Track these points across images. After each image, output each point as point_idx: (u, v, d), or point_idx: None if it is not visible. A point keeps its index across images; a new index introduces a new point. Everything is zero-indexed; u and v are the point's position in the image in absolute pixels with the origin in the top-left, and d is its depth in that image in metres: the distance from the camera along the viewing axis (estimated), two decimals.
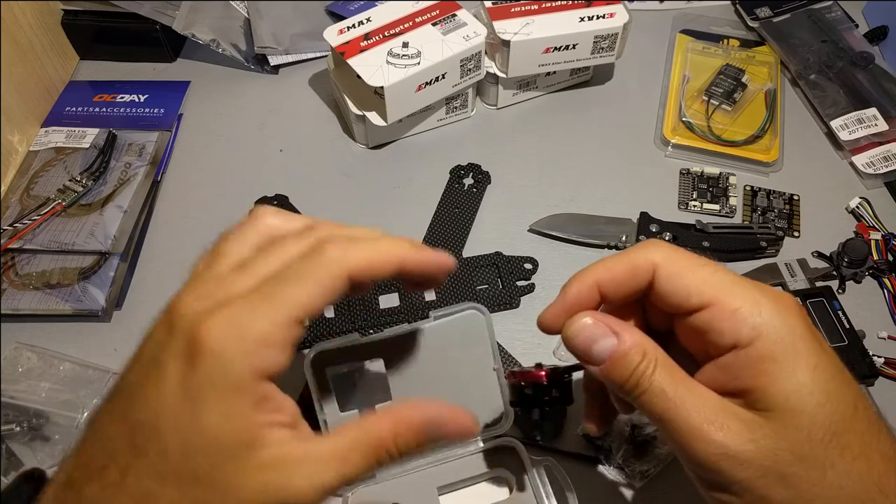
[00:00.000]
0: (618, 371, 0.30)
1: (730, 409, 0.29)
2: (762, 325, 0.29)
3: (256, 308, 0.28)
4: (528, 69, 0.60)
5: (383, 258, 0.30)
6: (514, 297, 0.52)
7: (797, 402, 0.28)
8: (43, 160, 0.59)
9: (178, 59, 0.69)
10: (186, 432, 0.27)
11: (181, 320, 0.28)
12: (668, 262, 0.31)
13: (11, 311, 0.51)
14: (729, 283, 0.30)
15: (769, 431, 0.28)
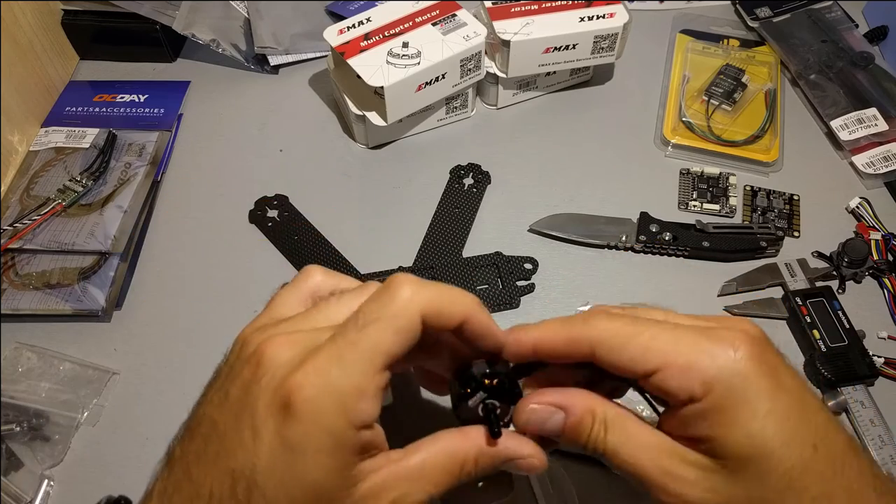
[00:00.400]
0: (574, 440, 0.31)
1: (687, 457, 0.29)
2: (712, 378, 0.28)
3: (345, 359, 0.28)
4: (528, 69, 0.60)
5: (454, 303, 0.30)
6: (514, 297, 0.52)
7: (750, 451, 0.28)
8: (43, 160, 0.59)
9: (178, 59, 0.69)
10: (288, 486, 0.27)
11: (270, 367, 0.28)
12: (607, 336, 0.30)
13: (11, 311, 0.51)
14: (673, 343, 0.29)
15: (725, 480, 0.28)
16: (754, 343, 0.29)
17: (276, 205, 0.58)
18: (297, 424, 0.27)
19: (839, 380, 0.46)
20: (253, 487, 0.27)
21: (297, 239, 0.55)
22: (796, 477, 0.28)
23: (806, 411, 0.29)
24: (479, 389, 0.31)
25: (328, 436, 0.27)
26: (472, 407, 0.31)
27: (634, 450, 0.30)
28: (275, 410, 0.27)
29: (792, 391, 0.29)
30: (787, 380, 0.29)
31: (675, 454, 0.30)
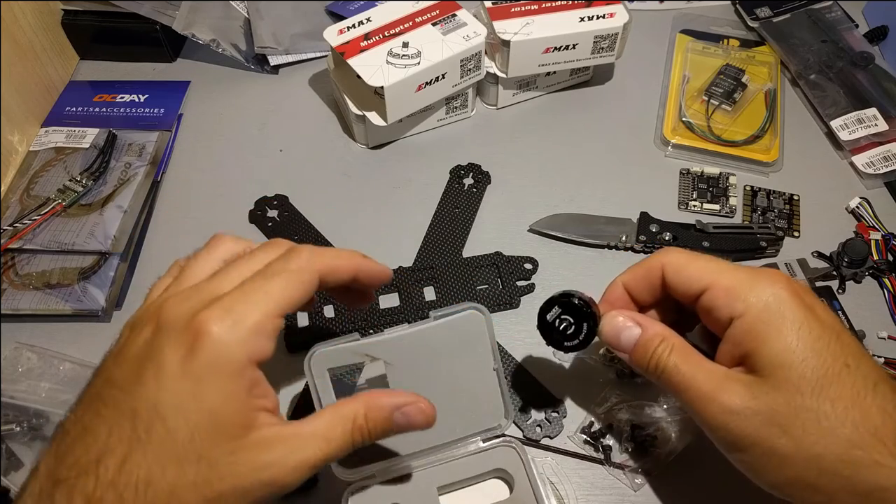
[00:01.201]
0: (641, 355, 0.37)
1: (734, 376, 0.34)
2: (751, 297, 0.34)
3: (249, 299, 0.32)
4: (528, 69, 0.60)
5: (344, 262, 0.36)
6: (515, 297, 0.52)
7: (785, 359, 0.33)
8: (43, 160, 0.59)
9: (178, 59, 0.69)
10: (190, 413, 0.30)
11: (174, 317, 0.31)
12: (673, 259, 0.37)
13: (11, 311, 0.51)
14: (723, 268, 0.35)
15: (766, 389, 0.33)
16: (794, 284, 0.34)
17: (276, 205, 0.58)
18: (202, 354, 0.30)
19: None
20: (154, 420, 0.29)
21: (297, 239, 0.55)
22: (828, 385, 0.32)
23: (840, 337, 0.33)
24: (554, 305, 0.39)
25: (227, 363, 0.30)
26: (550, 321, 0.39)
27: (692, 368, 0.35)
28: (180, 348, 0.30)
29: (826, 322, 0.33)
30: (822, 314, 0.34)
31: (726, 374, 0.34)
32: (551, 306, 0.39)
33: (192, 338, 0.30)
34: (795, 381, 0.32)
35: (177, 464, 0.29)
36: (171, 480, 0.29)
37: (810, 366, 0.32)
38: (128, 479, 0.29)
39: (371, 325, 0.51)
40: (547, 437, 0.45)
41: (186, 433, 0.29)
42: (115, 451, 0.29)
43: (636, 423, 0.45)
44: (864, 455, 0.31)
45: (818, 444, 0.32)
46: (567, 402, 0.47)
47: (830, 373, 0.32)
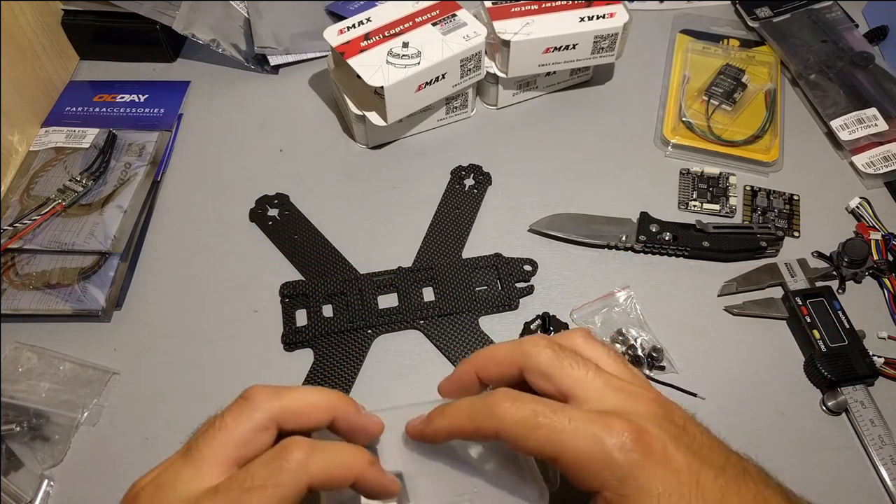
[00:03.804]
0: None
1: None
2: (602, 471, 0.30)
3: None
4: (528, 69, 0.60)
5: (343, 468, 0.31)
6: (514, 299, 0.52)
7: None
8: (43, 160, 0.59)
9: (178, 59, 0.69)
10: None
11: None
12: (510, 425, 0.31)
13: (11, 311, 0.51)
14: (568, 434, 0.30)
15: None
16: (642, 432, 0.30)
17: (277, 203, 0.58)
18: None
19: (839, 380, 0.46)
20: None
21: (297, 238, 0.55)
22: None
23: (699, 486, 0.30)
24: (537, 319, 0.45)
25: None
26: (533, 329, 0.45)
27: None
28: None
29: (681, 471, 0.30)
30: (677, 461, 0.30)
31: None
32: (533, 320, 0.45)
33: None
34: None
35: None
36: None
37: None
38: None
39: (370, 325, 0.51)
40: None
41: None
42: None
43: None
44: None
45: None
46: None
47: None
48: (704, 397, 0.47)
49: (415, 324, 0.51)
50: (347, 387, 0.48)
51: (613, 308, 0.51)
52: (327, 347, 0.49)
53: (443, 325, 0.50)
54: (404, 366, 0.49)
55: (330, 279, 0.53)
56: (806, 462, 0.45)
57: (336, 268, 0.54)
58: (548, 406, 0.31)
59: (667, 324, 0.50)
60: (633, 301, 0.51)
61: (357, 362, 0.49)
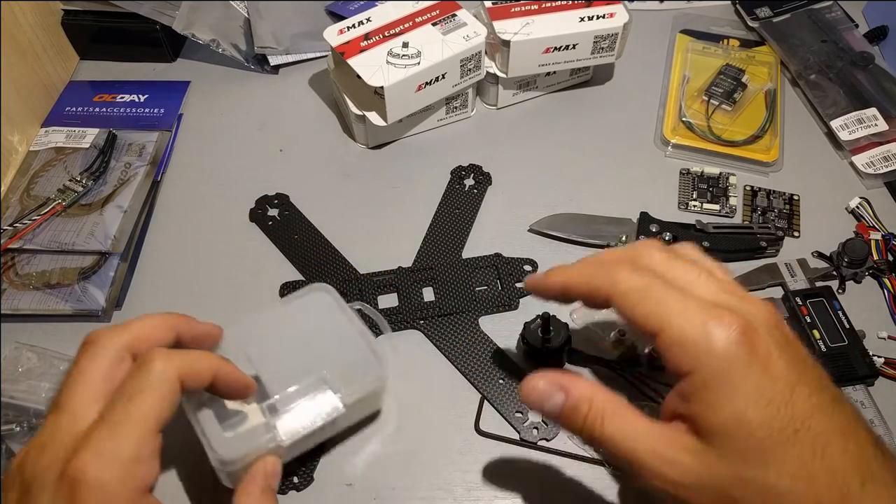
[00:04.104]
0: (569, 423, 0.33)
1: (681, 442, 0.31)
2: (701, 355, 0.30)
3: (118, 432, 0.30)
4: (528, 69, 0.60)
5: (203, 366, 0.34)
6: (513, 299, 0.52)
7: (731, 429, 0.30)
8: (43, 160, 0.59)
9: (178, 59, 0.69)
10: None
11: (40, 471, 0.30)
12: (623, 290, 0.33)
13: (11, 311, 0.51)
14: (676, 312, 0.31)
15: (713, 460, 0.30)
16: (750, 330, 0.30)
17: (277, 203, 0.58)
18: (85, 502, 0.29)
19: (839, 380, 0.46)
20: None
21: (297, 238, 0.55)
22: (774, 456, 0.29)
23: (792, 397, 0.30)
24: (537, 319, 0.46)
25: (116, 500, 0.29)
26: (533, 329, 0.46)
27: (630, 438, 0.32)
28: (61, 501, 0.29)
29: (779, 378, 0.30)
30: (777, 368, 0.30)
31: (670, 441, 0.31)
32: (533, 319, 0.46)
33: (68, 490, 0.29)
34: (742, 451, 0.30)
35: None
36: None
37: (757, 437, 0.29)
38: None
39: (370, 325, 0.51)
40: (544, 439, 0.45)
41: None
42: None
43: None
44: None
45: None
46: None
47: (777, 444, 0.29)
48: None
49: (415, 324, 0.51)
50: None
51: None
52: None
53: (443, 326, 0.50)
54: (404, 366, 0.49)
55: (330, 279, 0.53)
56: None
57: (336, 268, 0.54)
58: (664, 282, 0.32)
59: None
60: None
61: None
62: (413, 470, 0.45)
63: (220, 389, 0.36)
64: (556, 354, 0.47)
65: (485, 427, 0.46)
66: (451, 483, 0.44)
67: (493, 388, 0.47)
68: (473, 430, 0.46)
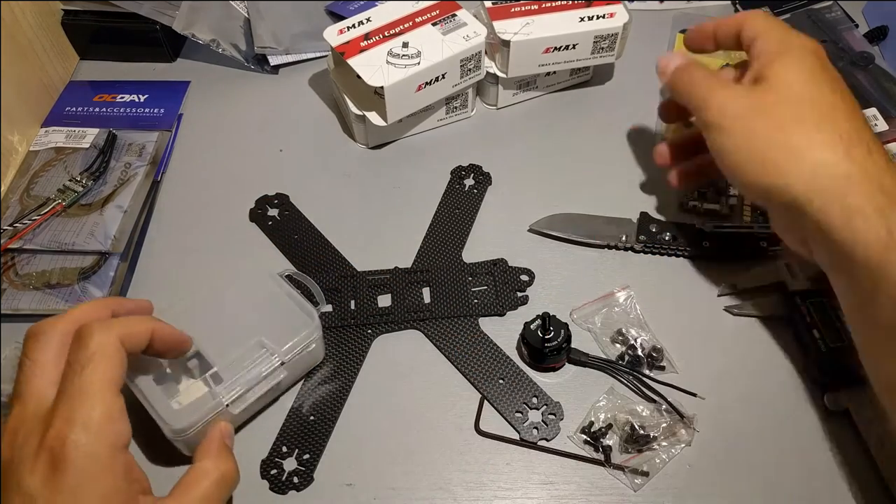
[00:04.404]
0: (679, 73, 0.48)
1: (740, 85, 0.44)
2: (768, 30, 0.44)
3: (83, 400, 0.32)
4: (528, 69, 0.60)
5: (140, 328, 0.36)
6: (506, 308, 0.51)
7: (780, 78, 0.42)
8: (43, 160, 0.59)
9: (178, 59, 0.69)
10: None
11: (17, 449, 0.32)
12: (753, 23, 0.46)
13: (11, 311, 0.51)
14: (761, 20, 0.46)
15: (759, 90, 0.42)
16: (819, 52, 0.44)
17: (277, 203, 0.58)
18: (69, 464, 0.30)
19: (839, 380, 0.46)
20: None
21: (297, 238, 0.55)
22: (808, 110, 0.40)
23: (834, 85, 0.42)
24: (537, 319, 0.47)
25: (98, 460, 0.31)
26: (533, 329, 0.47)
27: (711, 81, 0.45)
28: (40, 471, 0.31)
29: (828, 70, 0.43)
30: (833, 76, 0.43)
31: (735, 84, 0.45)
32: (533, 320, 0.48)
33: (49, 456, 0.31)
34: (785, 92, 0.41)
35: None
36: None
37: (805, 95, 0.40)
38: None
39: (370, 325, 0.51)
40: (544, 439, 0.45)
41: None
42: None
43: (636, 423, 0.45)
44: (832, 188, 0.37)
45: (789, 120, 0.40)
46: (565, 403, 0.47)
47: (812, 102, 0.40)
48: (704, 397, 0.47)
49: (415, 324, 0.51)
50: (348, 386, 0.48)
51: (613, 308, 0.51)
52: (327, 347, 0.49)
53: (443, 326, 0.50)
54: (405, 366, 0.49)
55: (329, 278, 0.53)
56: (806, 462, 0.45)
57: (336, 267, 0.54)
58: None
59: (667, 324, 0.50)
60: (633, 301, 0.51)
61: (357, 362, 0.49)
62: (413, 470, 0.45)
63: (158, 348, 0.38)
64: (556, 354, 0.47)
65: (485, 427, 0.46)
66: (451, 483, 0.44)
67: (493, 388, 0.47)
68: (473, 430, 0.46)
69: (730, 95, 0.43)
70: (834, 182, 0.37)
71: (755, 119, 0.41)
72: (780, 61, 0.42)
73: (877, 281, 0.35)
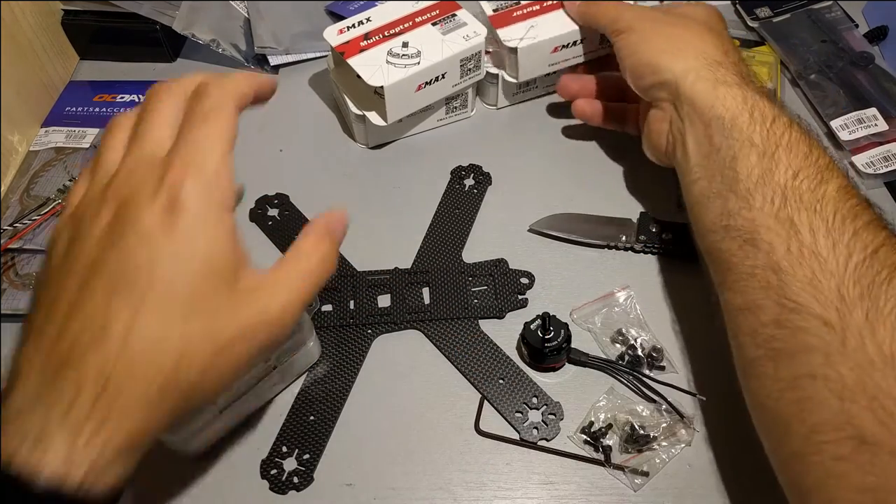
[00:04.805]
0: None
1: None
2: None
3: (200, 147, 0.33)
4: (538, 71, 0.60)
5: (249, 85, 0.37)
6: (505, 310, 0.51)
7: (684, 10, 0.53)
8: (43, 160, 0.59)
9: (178, 59, 0.69)
10: (187, 265, 0.31)
11: (136, 186, 0.32)
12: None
13: (11, 311, 0.51)
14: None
15: (664, 10, 0.54)
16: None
17: (277, 203, 0.58)
18: (184, 206, 0.31)
19: None
20: (153, 282, 0.30)
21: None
22: (710, 28, 0.52)
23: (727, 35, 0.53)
24: (537, 319, 0.47)
25: (211, 210, 0.32)
26: (533, 329, 0.47)
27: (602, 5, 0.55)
28: (157, 210, 0.31)
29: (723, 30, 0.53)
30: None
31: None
32: (533, 320, 0.48)
33: (167, 198, 0.31)
34: (688, 15, 0.52)
35: (183, 319, 0.30)
36: (181, 336, 0.30)
37: (702, 20, 0.52)
38: (138, 343, 0.29)
39: (370, 325, 0.51)
40: (544, 439, 0.45)
41: (186, 287, 0.30)
42: (118, 318, 0.29)
43: (636, 424, 0.45)
44: (705, 67, 0.47)
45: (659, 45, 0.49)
46: (565, 403, 0.47)
47: (712, 29, 0.51)
48: (704, 397, 0.47)
49: (415, 324, 0.51)
50: (348, 386, 0.48)
51: (613, 308, 0.51)
52: (327, 347, 0.50)
53: (443, 326, 0.50)
54: (405, 366, 0.49)
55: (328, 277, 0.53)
56: None
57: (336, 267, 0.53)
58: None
59: (667, 324, 0.50)
60: (633, 301, 0.51)
61: (357, 362, 0.49)
62: (413, 470, 0.45)
63: (259, 97, 0.39)
64: (556, 354, 0.47)
65: (485, 427, 0.46)
66: (451, 483, 0.44)
67: (493, 388, 0.48)
68: (473, 430, 0.46)
69: (639, 8, 0.53)
70: (708, 64, 0.47)
71: (659, 22, 0.51)
72: (689, 7, 0.53)
73: (727, 134, 0.44)
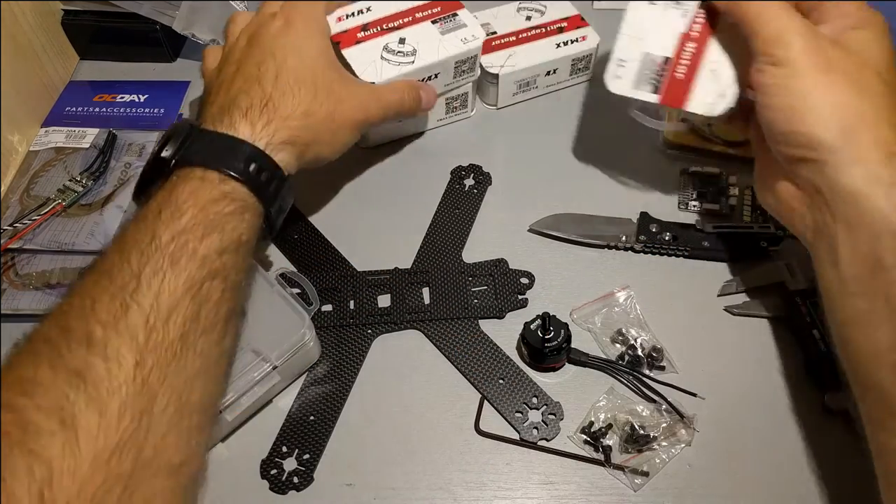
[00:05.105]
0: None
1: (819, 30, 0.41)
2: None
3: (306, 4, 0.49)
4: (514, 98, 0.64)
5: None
6: (505, 310, 0.51)
7: (861, 46, 0.41)
8: (43, 160, 0.59)
9: (178, 59, 0.69)
10: (308, 54, 0.46)
11: (268, 12, 0.49)
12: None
13: (11, 311, 0.51)
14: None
15: (841, 48, 0.41)
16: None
17: None
18: (298, 20, 0.47)
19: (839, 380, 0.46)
20: (282, 68, 0.45)
21: (297, 238, 0.55)
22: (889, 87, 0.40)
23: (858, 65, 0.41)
24: (537, 319, 0.47)
25: (318, 25, 0.49)
26: (533, 329, 0.47)
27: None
28: (278, 27, 0.47)
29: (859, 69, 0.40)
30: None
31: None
32: (533, 320, 0.48)
33: (283, 16, 0.47)
34: (865, 59, 0.40)
35: (313, 96, 0.45)
36: (322, 109, 0.45)
37: (882, 67, 0.40)
38: (289, 111, 0.43)
39: (370, 325, 0.51)
40: (544, 439, 0.45)
41: (310, 71, 0.45)
42: (268, 71, 0.44)
43: (636, 424, 0.45)
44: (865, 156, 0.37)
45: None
46: (565, 403, 0.47)
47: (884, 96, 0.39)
48: (704, 397, 0.47)
49: (415, 324, 0.51)
50: (348, 386, 0.48)
51: (613, 308, 0.51)
52: (327, 347, 0.50)
53: (443, 326, 0.50)
54: (405, 366, 0.49)
55: (328, 278, 0.53)
56: (806, 462, 0.45)
57: (336, 267, 0.54)
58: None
59: (667, 324, 0.50)
60: (633, 301, 0.51)
61: (357, 362, 0.49)
62: (413, 470, 0.45)
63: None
64: (556, 354, 0.47)
65: (485, 427, 0.46)
66: (451, 483, 0.44)
67: (493, 388, 0.48)
68: (473, 430, 0.46)
69: (809, 32, 0.40)
70: (886, 157, 0.37)
71: (831, 69, 0.39)
72: (861, 32, 0.40)
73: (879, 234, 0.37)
